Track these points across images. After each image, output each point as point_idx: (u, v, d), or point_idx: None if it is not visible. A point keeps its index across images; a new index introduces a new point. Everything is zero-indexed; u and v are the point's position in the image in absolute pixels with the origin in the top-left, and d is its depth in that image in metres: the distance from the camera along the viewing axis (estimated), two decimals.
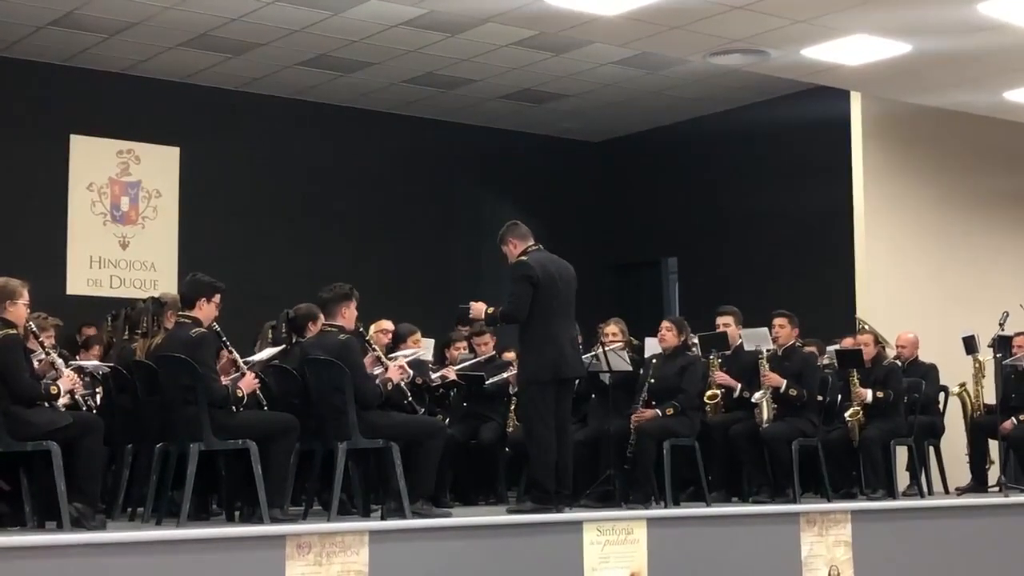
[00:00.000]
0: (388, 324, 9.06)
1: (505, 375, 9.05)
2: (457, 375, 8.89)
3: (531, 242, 7.69)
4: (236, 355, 7.29)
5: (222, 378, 7.09)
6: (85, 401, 7.44)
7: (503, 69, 12.81)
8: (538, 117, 14.50)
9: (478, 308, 7.69)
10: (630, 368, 8.57)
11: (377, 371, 7.58)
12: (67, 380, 6.81)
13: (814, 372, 9.20)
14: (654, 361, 8.75)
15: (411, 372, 7.85)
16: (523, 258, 7.60)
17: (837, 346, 10.13)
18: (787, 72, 11.21)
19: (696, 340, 9.22)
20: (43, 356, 6.93)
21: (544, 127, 14.86)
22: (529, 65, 12.69)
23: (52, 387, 6.67)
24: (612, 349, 8.42)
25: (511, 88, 13.47)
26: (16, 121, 12.22)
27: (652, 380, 8.56)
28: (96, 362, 8.19)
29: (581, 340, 8.06)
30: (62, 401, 6.90)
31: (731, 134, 14.28)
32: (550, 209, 14.08)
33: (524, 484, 8.57)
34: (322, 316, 7.60)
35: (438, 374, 8.84)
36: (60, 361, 7.00)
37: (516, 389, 8.78)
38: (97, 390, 7.97)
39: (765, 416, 8.80)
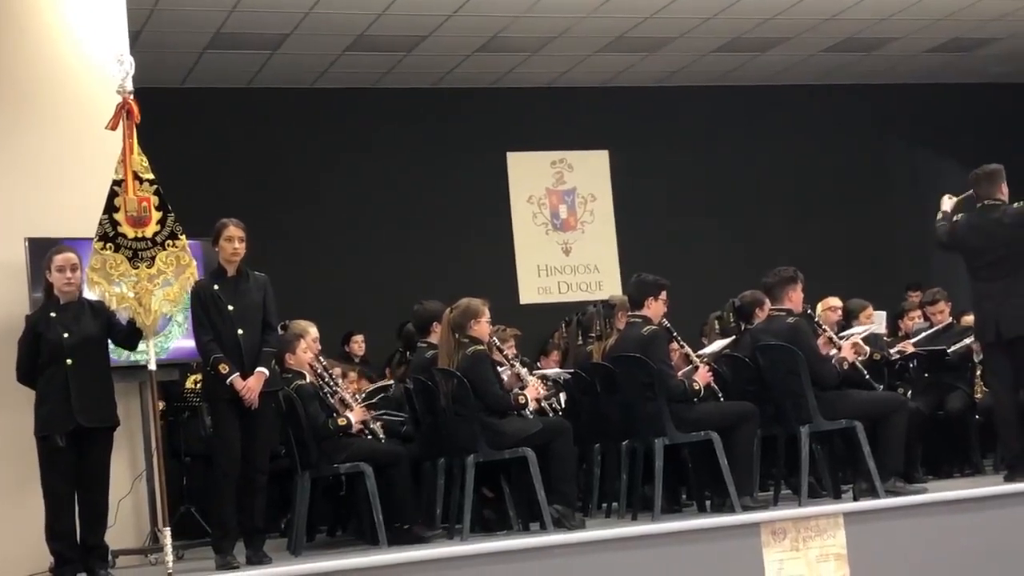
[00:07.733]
0: (836, 301, 8.91)
1: (967, 341, 8.67)
2: (916, 349, 8.61)
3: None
4: (688, 349, 7.43)
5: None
6: (550, 406, 7.79)
7: (926, 22, 12.29)
8: (967, 65, 13.79)
9: None
10: None
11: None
12: (532, 389, 7.15)
13: None
14: None
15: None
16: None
17: None
18: None
19: None
20: (509, 370, 7.32)
21: (974, 75, 14.11)
22: (954, 13, 12.11)
23: (519, 397, 7.03)
24: None
25: (937, 40, 12.90)
26: (456, 146, 12.90)
27: None
28: (557, 369, 8.56)
29: None
30: (531, 407, 7.26)
31: None
32: (990, 160, 13.31)
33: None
34: (768, 301, 7.59)
35: (896, 348, 8.60)
36: (524, 371, 7.38)
37: (980, 356, 8.40)
38: (560, 394, 8.32)
39: None
